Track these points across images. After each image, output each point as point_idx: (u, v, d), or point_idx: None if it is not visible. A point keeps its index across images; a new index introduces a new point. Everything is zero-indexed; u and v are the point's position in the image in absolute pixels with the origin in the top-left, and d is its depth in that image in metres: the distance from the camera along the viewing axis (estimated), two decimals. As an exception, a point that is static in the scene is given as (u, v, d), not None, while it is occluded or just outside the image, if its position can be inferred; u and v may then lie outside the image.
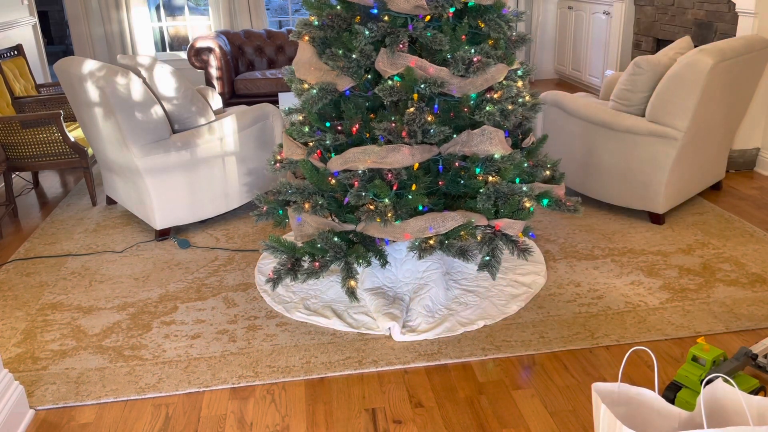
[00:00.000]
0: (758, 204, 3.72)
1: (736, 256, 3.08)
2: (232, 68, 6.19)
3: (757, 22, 4.01)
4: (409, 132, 2.34)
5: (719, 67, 3.17)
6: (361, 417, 2.10)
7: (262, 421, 2.10)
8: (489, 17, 2.46)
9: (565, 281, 2.91)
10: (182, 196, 3.49)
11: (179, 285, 3.03)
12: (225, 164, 3.58)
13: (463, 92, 2.39)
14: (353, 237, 2.57)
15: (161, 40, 7.77)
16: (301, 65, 2.59)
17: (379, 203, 2.41)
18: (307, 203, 2.53)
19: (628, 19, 5.88)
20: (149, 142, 3.30)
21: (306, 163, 2.55)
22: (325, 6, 2.52)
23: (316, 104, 2.47)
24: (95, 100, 3.31)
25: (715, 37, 4.59)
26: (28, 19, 5.79)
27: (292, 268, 2.62)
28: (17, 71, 5.01)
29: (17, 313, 2.84)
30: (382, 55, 2.38)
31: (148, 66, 3.40)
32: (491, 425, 2.03)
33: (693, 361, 2.00)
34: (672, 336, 2.46)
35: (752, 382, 1.97)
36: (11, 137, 3.95)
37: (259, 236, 3.51)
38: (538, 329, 2.54)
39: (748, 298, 2.72)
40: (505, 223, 2.53)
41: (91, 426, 2.11)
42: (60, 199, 4.32)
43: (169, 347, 2.53)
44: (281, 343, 2.51)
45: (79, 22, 7.15)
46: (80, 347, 2.56)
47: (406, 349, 2.43)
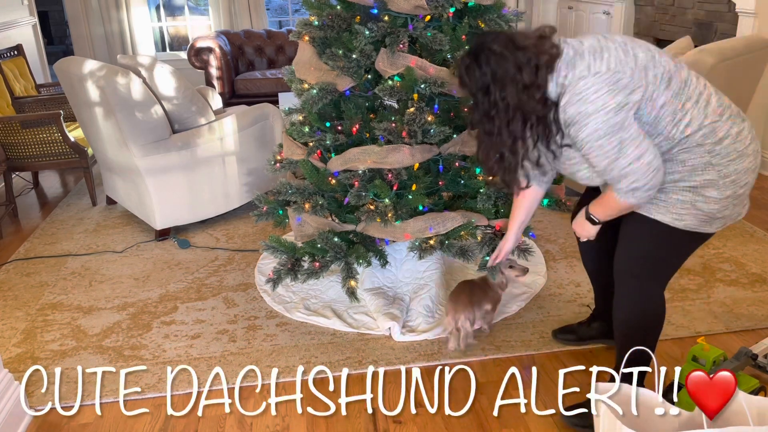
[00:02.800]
0: (758, 204, 3.72)
1: (736, 256, 3.08)
2: (232, 68, 6.18)
3: (757, 22, 4.00)
4: (409, 132, 2.34)
5: (719, 67, 3.16)
6: (361, 417, 2.09)
7: (262, 421, 2.10)
8: (489, 17, 2.46)
9: (565, 281, 2.91)
10: (182, 196, 3.49)
11: (179, 285, 3.03)
12: (225, 164, 3.58)
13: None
14: (353, 237, 2.57)
15: (161, 40, 7.77)
16: (301, 65, 2.59)
17: (379, 203, 2.40)
18: (307, 203, 2.53)
19: (628, 19, 5.88)
20: (149, 142, 3.30)
21: (306, 163, 2.55)
22: (325, 6, 2.52)
23: (316, 104, 2.47)
24: (95, 100, 3.31)
25: (715, 37, 4.58)
26: (28, 19, 5.79)
27: (292, 268, 2.62)
28: (17, 71, 5.01)
29: (17, 313, 2.84)
30: (382, 55, 2.38)
31: (148, 66, 3.39)
32: (491, 425, 2.03)
33: (693, 361, 1.99)
34: (672, 336, 2.46)
35: (752, 382, 1.97)
36: (11, 137, 3.94)
37: (259, 236, 3.51)
38: (538, 329, 2.53)
39: (748, 298, 2.72)
40: (506, 223, 2.52)
41: (91, 426, 2.11)
42: (60, 199, 4.32)
43: (169, 347, 2.53)
44: (281, 343, 2.51)
45: (79, 22, 7.15)
46: (80, 347, 2.56)
47: (406, 349, 2.43)
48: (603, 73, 1.66)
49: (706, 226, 1.81)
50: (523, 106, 1.70)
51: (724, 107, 1.76)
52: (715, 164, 1.74)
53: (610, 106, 1.65)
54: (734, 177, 1.75)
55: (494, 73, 1.69)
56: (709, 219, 1.80)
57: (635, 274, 1.93)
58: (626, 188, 1.74)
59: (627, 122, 1.66)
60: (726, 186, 1.75)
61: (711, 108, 1.73)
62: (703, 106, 1.73)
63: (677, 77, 1.72)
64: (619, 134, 1.66)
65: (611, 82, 1.65)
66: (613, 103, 1.65)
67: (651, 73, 1.69)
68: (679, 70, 1.74)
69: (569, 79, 1.69)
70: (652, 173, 1.70)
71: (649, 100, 1.69)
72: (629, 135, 1.66)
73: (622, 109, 1.65)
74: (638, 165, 1.68)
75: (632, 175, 1.70)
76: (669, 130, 1.73)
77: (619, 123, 1.66)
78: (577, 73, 1.68)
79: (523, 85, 1.68)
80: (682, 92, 1.72)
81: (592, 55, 1.69)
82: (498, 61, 1.69)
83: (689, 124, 1.72)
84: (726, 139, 1.73)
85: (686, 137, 1.73)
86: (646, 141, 1.69)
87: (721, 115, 1.74)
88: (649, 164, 1.69)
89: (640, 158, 1.68)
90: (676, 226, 1.80)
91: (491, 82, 1.70)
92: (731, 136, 1.73)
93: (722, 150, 1.73)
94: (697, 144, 1.73)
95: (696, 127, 1.72)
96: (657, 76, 1.70)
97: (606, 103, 1.65)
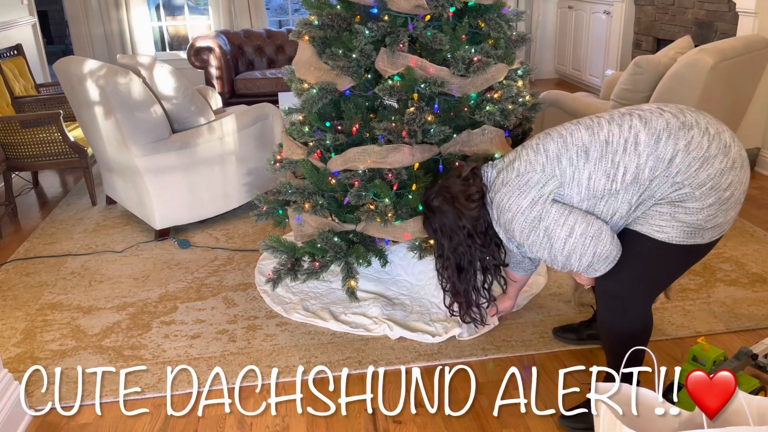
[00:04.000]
0: (758, 204, 3.72)
1: (737, 256, 3.08)
2: (232, 68, 6.18)
3: (758, 22, 4.00)
4: (409, 132, 2.33)
5: (719, 67, 3.16)
6: (361, 417, 2.09)
7: (262, 421, 2.10)
8: (489, 17, 2.46)
9: (565, 281, 2.91)
10: (182, 196, 3.49)
11: (179, 285, 3.03)
12: (225, 164, 3.57)
13: (463, 92, 2.39)
14: (353, 237, 2.57)
15: (161, 40, 7.77)
16: (301, 65, 2.58)
17: (379, 203, 2.40)
18: (307, 203, 2.52)
19: (628, 19, 5.88)
20: (149, 141, 3.30)
21: (306, 163, 2.55)
22: (325, 6, 2.52)
23: (316, 104, 2.47)
24: (95, 100, 3.31)
25: (715, 37, 4.59)
26: (28, 19, 5.79)
27: (292, 268, 2.61)
28: (17, 71, 5.00)
29: (17, 313, 2.84)
30: (382, 55, 2.38)
31: (148, 65, 3.39)
32: (491, 425, 2.03)
33: (693, 361, 1.99)
34: (672, 336, 2.46)
35: (752, 382, 1.97)
36: (11, 137, 3.94)
37: (259, 236, 3.50)
38: (538, 329, 2.53)
39: (748, 298, 2.72)
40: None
41: (91, 426, 2.11)
42: (60, 199, 4.32)
43: (168, 347, 2.52)
44: (281, 343, 2.51)
45: (79, 22, 7.15)
46: (80, 347, 2.55)
47: (406, 349, 2.43)
48: (512, 180, 1.83)
49: (695, 237, 1.74)
50: (473, 255, 2.02)
51: (658, 132, 1.69)
52: (681, 181, 1.68)
53: (523, 206, 1.79)
54: (711, 183, 1.67)
55: (442, 226, 2.00)
56: (695, 230, 1.72)
57: (617, 293, 1.85)
58: (583, 269, 1.82)
59: (543, 212, 1.76)
60: (705, 195, 1.68)
61: (642, 145, 1.69)
62: (632, 149, 1.70)
63: (595, 143, 1.74)
64: (541, 225, 1.78)
65: (521, 185, 1.80)
66: (525, 203, 1.79)
67: (565, 158, 1.77)
68: (596, 134, 1.75)
69: (496, 199, 1.89)
70: (592, 241, 1.74)
71: (571, 182, 1.76)
72: (550, 221, 1.76)
73: (535, 204, 1.78)
74: (573, 240, 1.75)
75: (575, 252, 1.76)
76: (609, 188, 1.73)
77: (536, 216, 1.77)
78: (495, 189, 1.89)
79: (468, 233, 1.97)
80: (606, 152, 1.73)
81: (505, 168, 1.89)
82: (441, 216, 1.99)
83: (626, 172, 1.71)
84: (677, 157, 1.68)
85: (632, 182, 1.71)
86: (573, 215, 1.75)
87: (657, 142, 1.69)
88: (583, 235, 1.73)
89: (572, 233, 1.75)
90: (658, 238, 1.74)
91: (441, 236, 2.01)
92: (680, 150, 1.68)
93: (679, 167, 1.67)
94: (650, 180, 1.70)
95: (635, 170, 1.70)
96: (571, 157, 1.76)
97: (519, 205, 1.80)
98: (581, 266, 1.79)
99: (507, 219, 1.84)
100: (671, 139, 1.69)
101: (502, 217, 1.86)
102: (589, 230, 1.73)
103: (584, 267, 1.79)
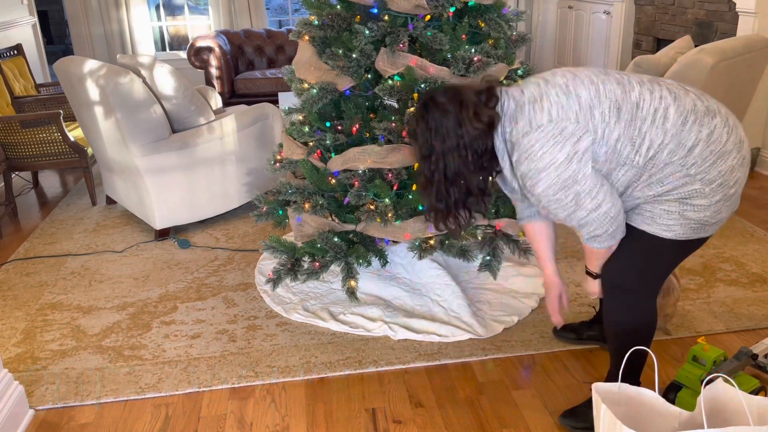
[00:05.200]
0: (758, 204, 3.72)
1: (737, 256, 3.08)
2: (232, 68, 6.18)
3: (758, 21, 4.00)
4: (409, 132, 2.33)
5: (719, 67, 3.17)
6: (361, 417, 2.10)
7: (262, 421, 2.10)
8: (489, 17, 2.46)
9: (565, 281, 2.90)
10: (182, 196, 3.49)
11: (179, 285, 3.03)
12: (225, 164, 3.57)
13: (463, 92, 2.38)
14: (353, 237, 2.57)
15: (161, 40, 7.77)
16: (301, 65, 2.59)
17: (379, 203, 2.40)
18: (307, 203, 2.52)
19: (628, 19, 5.88)
20: (149, 141, 3.30)
21: (306, 163, 2.55)
22: (325, 5, 2.52)
23: (316, 104, 2.47)
24: (95, 100, 3.31)
25: (715, 37, 4.59)
26: (28, 19, 5.79)
27: (292, 268, 2.61)
28: (17, 71, 5.00)
29: (17, 313, 2.84)
30: (382, 55, 2.38)
31: (148, 65, 3.39)
32: (491, 425, 2.03)
33: (693, 361, 1.99)
34: (672, 336, 2.46)
35: (752, 382, 1.97)
36: (11, 137, 3.94)
37: (259, 236, 3.51)
38: (538, 329, 2.53)
39: (748, 298, 2.72)
40: (506, 222, 2.52)
41: (91, 426, 2.11)
42: (60, 198, 4.32)
43: (168, 347, 2.52)
44: (281, 343, 2.51)
45: (79, 22, 7.15)
46: (80, 347, 2.55)
47: (406, 349, 2.43)
48: (545, 126, 1.64)
49: (699, 232, 1.75)
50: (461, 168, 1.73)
51: (686, 113, 1.66)
52: (695, 174, 1.66)
53: (559, 160, 1.64)
54: (720, 180, 1.67)
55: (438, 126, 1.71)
56: (701, 226, 1.73)
57: (625, 287, 1.86)
58: (587, 236, 1.77)
59: (580, 174, 1.65)
60: (714, 191, 1.68)
61: (670, 122, 1.65)
62: (660, 123, 1.65)
63: (627, 103, 1.66)
64: (574, 188, 1.66)
65: (555, 134, 1.63)
66: (561, 157, 1.63)
67: (597, 111, 1.65)
68: (628, 93, 1.68)
69: (514, 134, 1.69)
70: (610, 221, 1.71)
71: (601, 140, 1.66)
72: (584, 187, 1.66)
73: (571, 160, 1.64)
74: (596, 215, 1.70)
75: (590, 224, 1.72)
76: (632, 158, 1.68)
77: (572, 176, 1.65)
78: (520, 129, 1.67)
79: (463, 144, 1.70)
80: (636, 116, 1.66)
81: (532, 106, 1.67)
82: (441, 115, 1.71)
83: (650, 146, 1.66)
84: (697, 147, 1.65)
85: (650, 159, 1.67)
86: (603, 190, 1.68)
87: (684, 124, 1.65)
88: (605, 213, 1.70)
89: (598, 208, 1.69)
90: (666, 236, 1.74)
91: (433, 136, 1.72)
92: (702, 140, 1.65)
93: (696, 158, 1.66)
94: (665, 163, 1.67)
95: (657, 148, 1.66)
96: (604, 112, 1.65)
97: (554, 158, 1.64)
98: (588, 236, 1.76)
99: (536, 168, 1.66)
100: (696, 125, 1.66)
101: (529, 164, 1.67)
102: (612, 210, 1.69)
103: (589, 237, 1.76)
